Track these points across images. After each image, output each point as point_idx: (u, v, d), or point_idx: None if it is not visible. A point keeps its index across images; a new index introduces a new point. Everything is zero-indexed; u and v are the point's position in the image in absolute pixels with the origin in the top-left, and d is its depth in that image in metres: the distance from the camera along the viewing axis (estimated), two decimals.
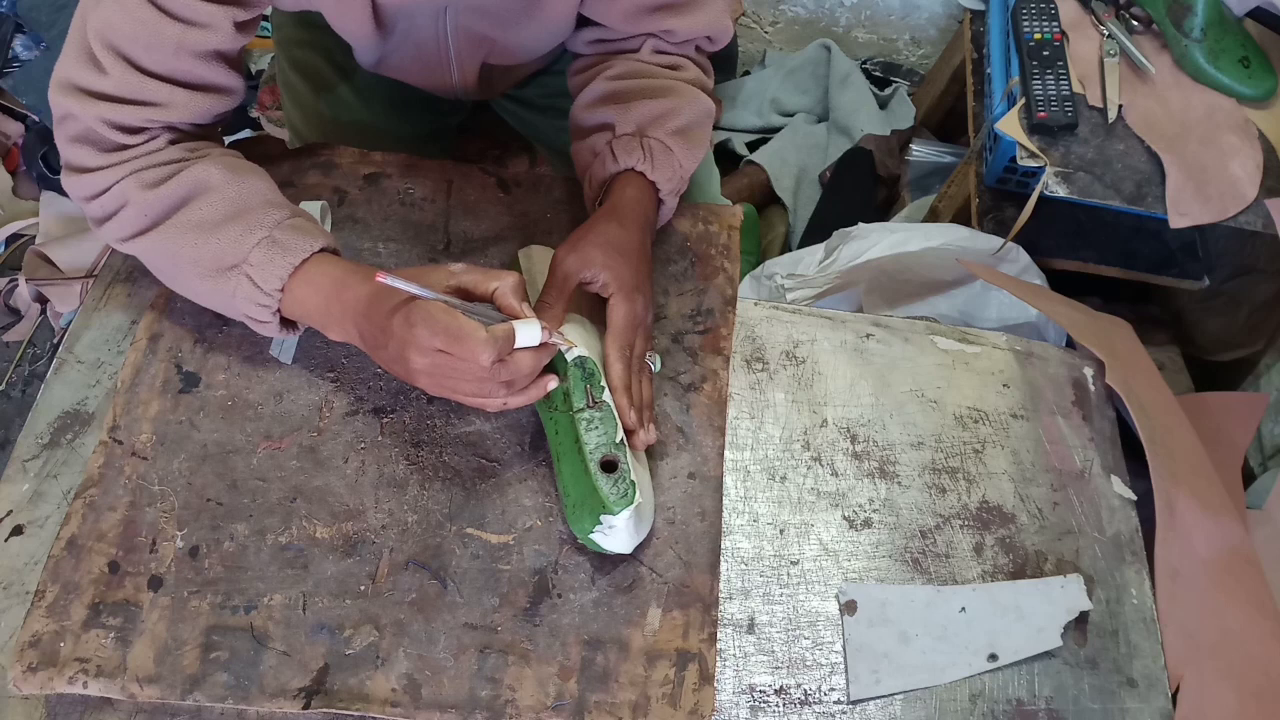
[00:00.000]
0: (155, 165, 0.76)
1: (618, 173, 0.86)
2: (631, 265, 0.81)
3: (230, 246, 0.74)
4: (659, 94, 0.87)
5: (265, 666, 0.71)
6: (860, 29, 1.83)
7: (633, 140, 0.85)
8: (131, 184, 0.75)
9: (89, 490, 0.76)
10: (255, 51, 1.83)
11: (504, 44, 0.94)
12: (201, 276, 0.76)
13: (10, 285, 1.63)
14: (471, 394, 0.72)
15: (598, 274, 0.79)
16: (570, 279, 0.80)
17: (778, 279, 1.24)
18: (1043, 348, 0.96)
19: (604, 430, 0.76)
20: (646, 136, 0.85)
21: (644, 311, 0.82)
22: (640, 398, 0.81)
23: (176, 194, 0.75)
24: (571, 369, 0.77)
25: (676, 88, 0.88)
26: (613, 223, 0.83)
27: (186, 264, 0.76)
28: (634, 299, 0.80)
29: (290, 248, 0.75)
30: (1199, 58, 1.20)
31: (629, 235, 0.82)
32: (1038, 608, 0.80)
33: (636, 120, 0.86)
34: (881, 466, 0.87)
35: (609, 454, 0.75)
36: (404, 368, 0.72)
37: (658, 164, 0.85)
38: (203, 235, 0.75)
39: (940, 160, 1.62)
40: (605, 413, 0.76)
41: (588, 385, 0.77)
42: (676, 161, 0.87)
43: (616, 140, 0.86)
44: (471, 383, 0.71)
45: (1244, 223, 1.14)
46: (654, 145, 0.85)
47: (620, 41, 0.91)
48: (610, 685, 0.72)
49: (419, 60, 0.95)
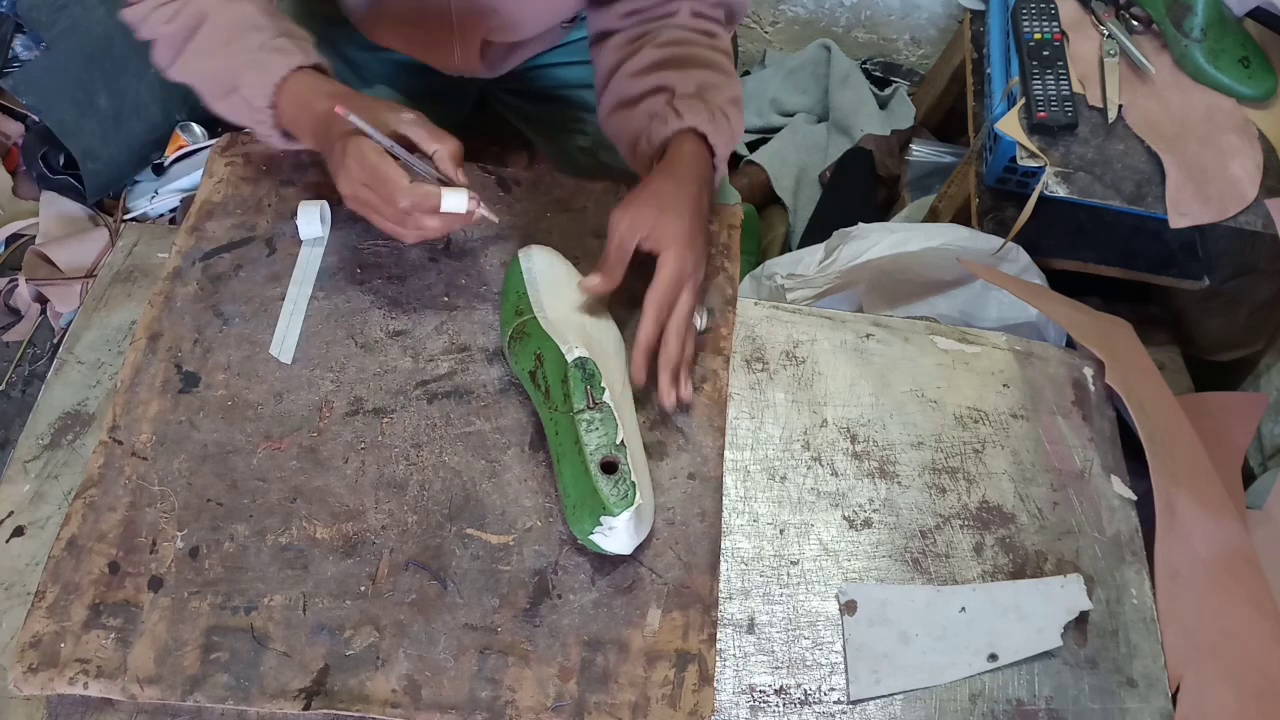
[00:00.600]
0: (165, 2, 0.84)
1: (679, 130, 0.86)
2: (684, 220, 0.81)
3: (225, 72, 0.82)
4: (711, 65, 0.89)
5: (265, 667, 0.71)
6: (860, 29, 1.83)
7: (696, 101, 0.86)
8: (155, 20, 0.84)
9: (89, 490, 0.76)
10: None
11: (505, 16, 0.95)
12: (217, 98, 0.84)
13: (10, 285, 1.63)
14: (385, 226, 0.80)
15: (650, 231, 0.80)
16: (626, 243, 0.80)
17: (778, 279, 1.24)
18: (1043, 348, 0.96)
19: (604, 431, 0.76)
20: (708, 102, 0.87)
21: (694, 268, 0.82)
22: (676, 357, 0.81)
23: (184, 28, 0.83)
24: (571, 369, 0.77)
25: (724, 63, 0.91)
26: (669, 179, 0.83)
27: (207, 90, 0.84)
28: (684, 255, 0.80)
29: (270, 67, 0.81)
30: (1199, 58, 1.20)
31: (684, 190, 0.83)
32: (1038, 608, 0.80)
33: (696, 83, 0.87)
34: (881, 466, 0.87)
35: (609, 455, 0.75)
36: (338, 187, 0.80)
37: (719, 126, 0.86)
38: (207, 63, 0.83)
39: (940, 160, 1.62)
40: (605, 414, 0.76)
41: (588, 386, 0.77)
42: (731, 130, 0.88)
43: (679, 99, 0.86)
44: (385, 220, 0.79)
45: (1244, 223, 1.14)
46: (715, 111, 0.87)
47: (657, 7, 0.92)
48: (610, 686, 0.72)
49: (420, 27, 0.96)
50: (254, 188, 0.93)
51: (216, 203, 0.91)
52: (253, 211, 0.91)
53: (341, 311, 0.87)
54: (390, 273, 0.89)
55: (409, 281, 0.89)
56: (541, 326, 0.80)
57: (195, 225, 0.90)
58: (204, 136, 1.70)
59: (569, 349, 0.77)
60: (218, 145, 0.96)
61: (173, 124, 1.69)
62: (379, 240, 0.91)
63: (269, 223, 0.91)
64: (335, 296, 0.87)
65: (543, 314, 0.82)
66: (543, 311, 0.82)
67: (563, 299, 0.84)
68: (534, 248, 0.87)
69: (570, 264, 0.87)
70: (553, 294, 0.84)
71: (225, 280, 0.87)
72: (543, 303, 0.83)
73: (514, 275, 0.85)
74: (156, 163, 1.69)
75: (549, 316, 0.81)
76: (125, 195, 1.68)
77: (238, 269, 0.88)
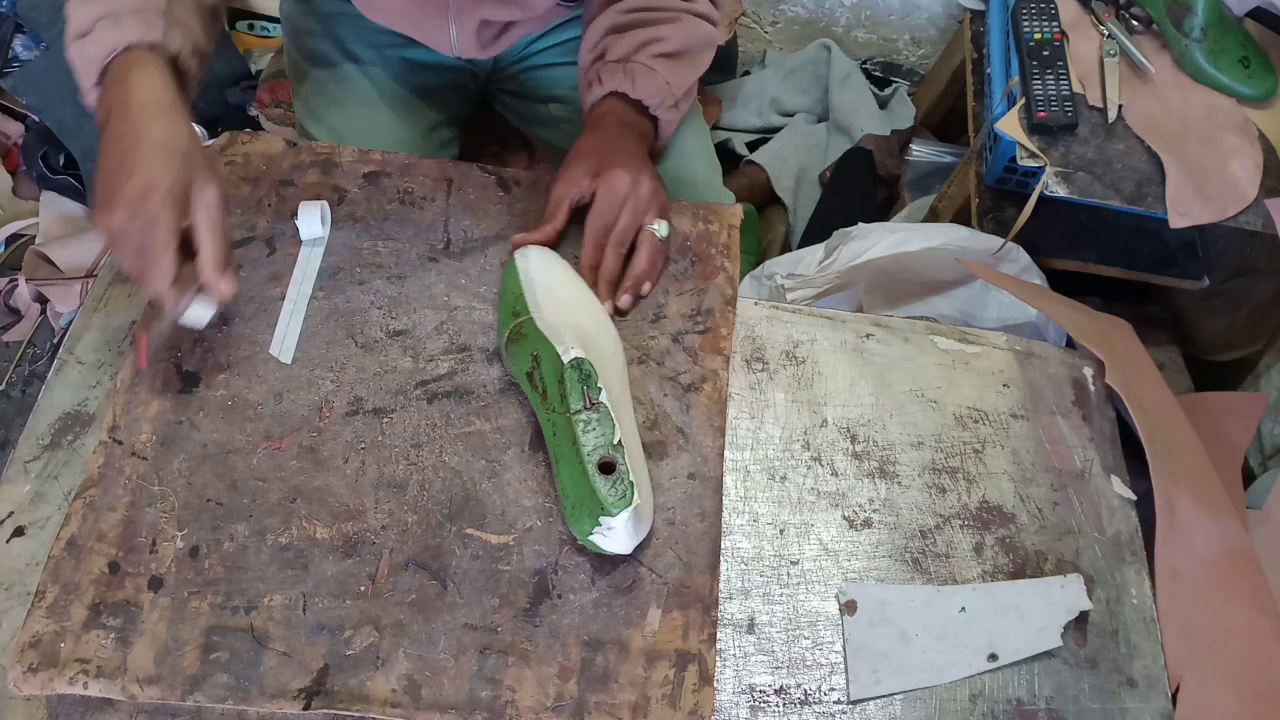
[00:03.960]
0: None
1: (600, 97, 0.90)
2: (609, 155, 0.85)
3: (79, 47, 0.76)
4: (658, 23, 0.91)
5: (265, 667, 0.71)
6: (860, 29, 1.83)
7: (616, 66, 0.90)
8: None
9: (89, 490, 0.76)
10: (255, 51, 1.83)
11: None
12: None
13: (10, 285, 1.63)
14: (124, 263, 0.73)
15: (580, 181, 0.84)
16: (560, 202, 0.85)
17: (778, 279, 1.24)
18: (1043, 348, 0.96)
19: (601, 432, 0.75)
20: (631, 61, 0.90)
21: (630, 188, 0.85)
22: (613, 270, 0.85)
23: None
24: (568, 370, 0.77)
25: (678, 17, 0.93)
26: (591, 136, 0.88)
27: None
28: (615, 178, 0.84)
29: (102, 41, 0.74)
30: (1199, 58, 1.20)
31: (605, 135, 0.87)
32: (1038, 608, 0.80)
33: (625, 48, 0.90)
34: (881, 466, 0.87)
35: (606, 455, 0.75)
36: (103, 201, 0.71)
37: (639, 83, 0.89)
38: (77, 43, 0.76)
39: (940, 160, 1.62)
40: (603, 414, 0.76)
41: (584, 387, 0.76)
42: (661, 79, 0.90)
43: (603, 66, 0.90)
44: (126, 263, 0.72)
45: (1244, 223, 1.14)
46: (635, 68, 0.90)
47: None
48: (610, 686, 0.72)
49: (416, 3, 0.97)
50: (254, 188, 0.93)
51: None
52: (253, 211, 0.92)
53: (341, 311, 0.87)
54: (390, 273, 0.89)
55: (409, 281, 0.89)
56: (538, 327, 0.80)
57: None
58: (204, 136, 1.70)
59: (565, 349, 0.77)
60: (217, 145, 0.96)
61: None
62: (379, 240, 0.91)
63: (269, 223, 0.91)
64: (335, 296, 0.87)
65: (539, 315, 0.82)
66: (539, 312, 0.82)
67: (560, 300, 0.84)
68: (531, 249, 0.87)
69: (567, 264, 0.87)
70: (549, 295, 0.84)
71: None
72: (539, 303, 0.83)
73: (510, 276, 0.85)
74: None
75: (545, 318, 0.81)
76: None
77: (237, 269, 0.88)
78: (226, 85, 1.75)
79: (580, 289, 0.86)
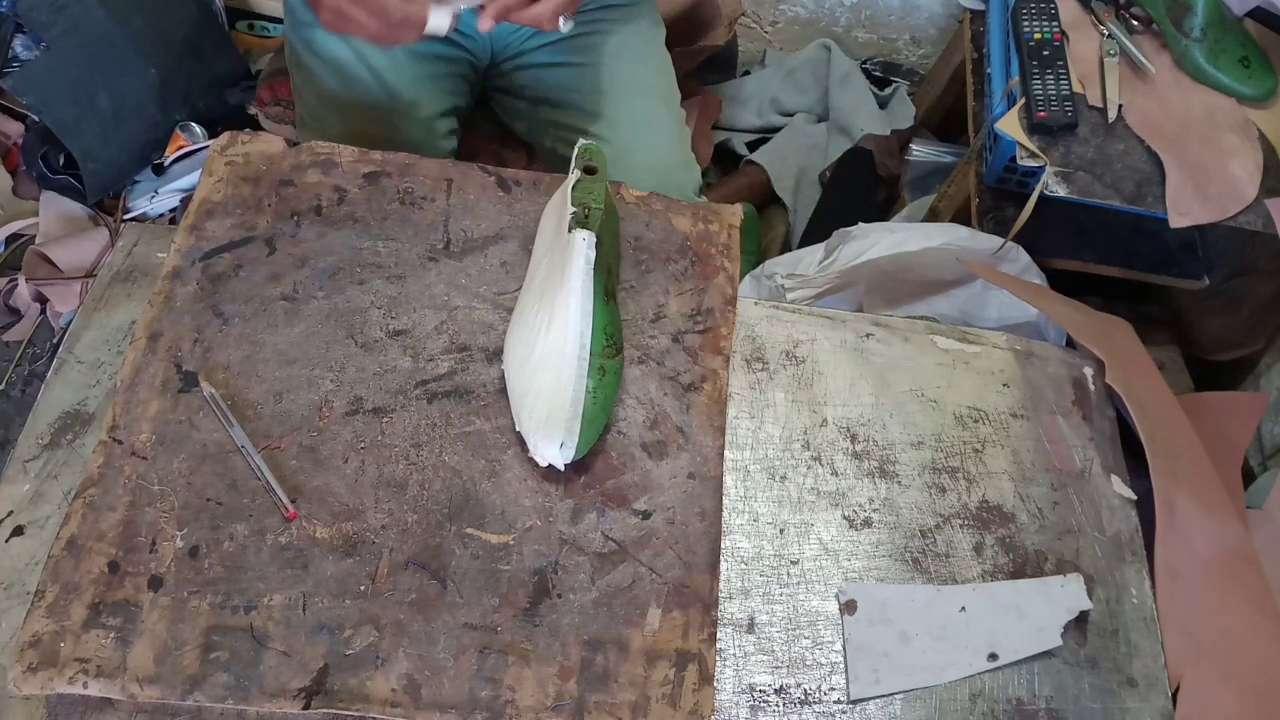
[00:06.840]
0: None
1: None
2: None
3: None
4: None
5: (265, 667, 0.71)
6: (860, 29, 1.83)
7: None
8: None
9: (89, 490, 0.76)
10: (255, 51, 1.83)
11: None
12: None
13: (10, 285, 1.63)
14: (366, 36, 0.84)
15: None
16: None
17: (778, 279, 1.24)
18: (1043, 347, 0.96)
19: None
20: None
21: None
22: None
23: None
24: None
25: None
26: None
27: None
28: None
29: None
30: (1199, 58, 1.20)
31: None
32: (1038, 607, 0.80)
33: None
34: (881, 466, 0.87)
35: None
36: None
37: None
38: None
39: (940, 160, 1.62)
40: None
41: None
42: None
43: None
44: (366, 33, 0.83)
45: (1244, 223, 1.14)
46: None
47: None
48: (610, 686, 0.72)
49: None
50: (254, 187, 0.93)
51: (216, 202, 0.91)
52: (252, 211, 0.91)
53: (341, 311, 0.87)
54: (390, 273, 0.89)
55: (409, 281, 0.89)
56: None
57: (195, 225, 0.90)
58: (204, 136, 1.71)
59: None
60: (217, 145, 0.96)
61: (173, 124, 1.70)
62: (379, 240, 0.91)
63: (269, 222, 0.91)
64: (335, 296, 0.87)
65: None
66: None
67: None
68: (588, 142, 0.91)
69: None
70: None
71: (225, 280, 0.87)
72: None
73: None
74: (156, 163, 1.69)
75: None
76: (125, 195, 1.69)
77: (237, 269, 0.88)
78: (226, 85, 1.75)
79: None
